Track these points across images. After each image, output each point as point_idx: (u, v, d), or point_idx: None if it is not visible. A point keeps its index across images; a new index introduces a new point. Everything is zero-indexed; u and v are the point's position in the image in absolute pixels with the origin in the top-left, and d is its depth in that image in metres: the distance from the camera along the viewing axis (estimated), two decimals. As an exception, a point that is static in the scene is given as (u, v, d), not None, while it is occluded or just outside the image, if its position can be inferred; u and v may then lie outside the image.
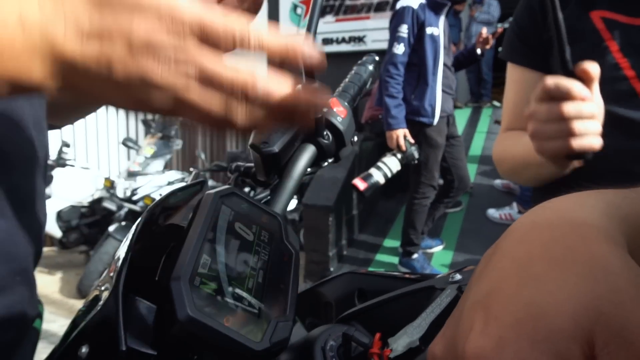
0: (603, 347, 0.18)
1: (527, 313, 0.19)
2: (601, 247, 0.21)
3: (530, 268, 0.21)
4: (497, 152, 0.89)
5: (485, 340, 0.19)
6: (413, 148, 2.85)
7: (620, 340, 0.18)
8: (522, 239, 0.23)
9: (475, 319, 0.20)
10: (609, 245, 0.21)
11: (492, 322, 0.20)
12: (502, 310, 0.20)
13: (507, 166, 0.85)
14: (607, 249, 0.21)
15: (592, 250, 0.21)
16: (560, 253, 0.21)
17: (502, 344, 0.19)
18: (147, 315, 0.37)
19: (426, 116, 2.91)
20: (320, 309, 0.64)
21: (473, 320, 0.20)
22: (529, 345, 0.19)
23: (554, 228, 0.22)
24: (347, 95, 0.63)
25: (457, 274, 0.43)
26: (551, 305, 0.19)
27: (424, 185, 3.09)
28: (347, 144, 0.58)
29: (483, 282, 0.22)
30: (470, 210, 4.08)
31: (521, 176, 0.83)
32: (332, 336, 0.43)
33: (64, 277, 4.19)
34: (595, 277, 0.19)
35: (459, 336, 0.21)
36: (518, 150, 0.80)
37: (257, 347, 0.34)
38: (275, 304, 0.39)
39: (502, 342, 0.19)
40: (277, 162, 0.52)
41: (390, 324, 0.42)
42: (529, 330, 0.19)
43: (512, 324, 0.19)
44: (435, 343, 0.22)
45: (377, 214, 4.23)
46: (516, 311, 0.20)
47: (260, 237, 0.43)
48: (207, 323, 0.33)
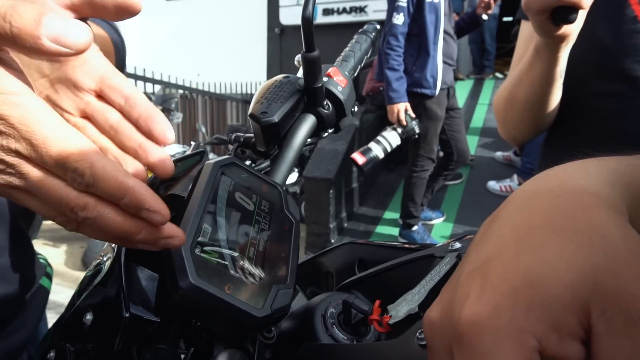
0: (599, 316, 0.18)
1: (524, 281, 0.19)
2: (601, 216, 0.21)
3: (529, 236, 0.21)
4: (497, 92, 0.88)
5: (481, 307, 0.19)
6: (414, 123, 2.83)
7: (617, 309, 0.18)
8: (523, 207, 0.23)
9: (472, 285, 0.21)
10: (610, 215, 0.21)
11: (488, 289, 0.20)
12: (499, 277, 0.20)
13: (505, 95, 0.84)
14: (608, 218, 0.21)
15: (592, 220, 0.20)
16: (560, 222, 0.21)
17: (498, 311, 0.19)
18: (150, 283, 0.38)
19: (428, 87, 2.88)
20: (321, 279, 0.65)
21: (470, 287, 0.21)
22: (524, 313, 0.19)
23: (554, 196, 0.22)
24: (347, 64, 0.62)
25: (457, 242, 0.43)
26: (548, 274, 0.19)
27: (423, 158, 3.08)
28: (347, 114, 0.58)
29: (481, 250, 0.22)
30: (470, 182, 4.09)
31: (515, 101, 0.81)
32: (332, 304, 0.44)
33: (68, 249, 4.23)
34: (594, 247, 0.19)
35: (456, 302, 0.21)
36: (514, 75, 0.80)
37: (259, 314, 0.35)
38: (276, 272, 0.39)
39: (497, 310, 0.19)
40: (276, 132, 0.51)
41: (390, 292, 0.43)
42: (525, 298, 0.19)
43: (509, 291, 0.19)
44: (432, 309, 0.23)
45: (378, 187, 4.24)
46: (513, 279, 0.20)
47: (261, 206, 0.43)
48: (208, 290, 0.33)
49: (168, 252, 0.34)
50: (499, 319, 0.19)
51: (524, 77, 0.77)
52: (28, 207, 0.27)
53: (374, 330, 0.43)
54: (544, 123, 0.82)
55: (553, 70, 0.72)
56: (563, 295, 0.19)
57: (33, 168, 0.25)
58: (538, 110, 0.79)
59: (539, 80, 0.74)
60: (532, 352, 0.18)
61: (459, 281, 0.22)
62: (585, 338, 0.19)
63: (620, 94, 0.74)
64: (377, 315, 0.40)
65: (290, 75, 0.55)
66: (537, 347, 0.19)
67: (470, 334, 0.19)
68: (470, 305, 0.20)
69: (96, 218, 0.26)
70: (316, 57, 0.50)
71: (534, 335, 0.18)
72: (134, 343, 0.37)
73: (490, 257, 0.21)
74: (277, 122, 0.50)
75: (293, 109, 0.52)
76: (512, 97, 0.82)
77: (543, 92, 0.76)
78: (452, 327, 0.20)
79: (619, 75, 0.73)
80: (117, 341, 0.35)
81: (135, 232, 0.28)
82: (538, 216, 0.22)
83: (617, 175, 0.24)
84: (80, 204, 0.26)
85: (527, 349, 0.18)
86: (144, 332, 0.36)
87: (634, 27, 0.72)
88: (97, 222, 0.27)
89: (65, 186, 0.26)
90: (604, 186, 0.23)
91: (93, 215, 0.26)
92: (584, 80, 0.78)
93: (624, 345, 0.17)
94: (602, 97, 0.76)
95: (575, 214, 0.21)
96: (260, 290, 0.37)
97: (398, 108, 2.81)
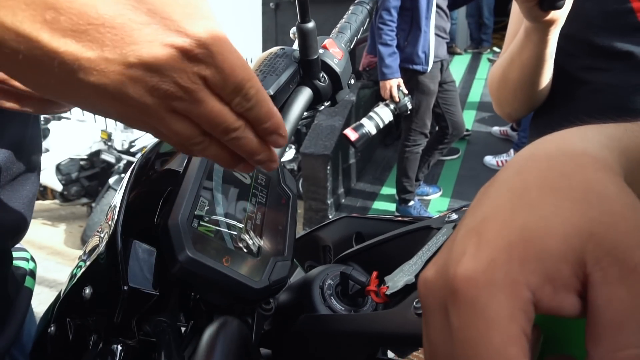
0: (594, 264, 0.18)
1: (520, 236, 0.19)
2: (597, 174, 0.21)
3: (525, 196, 0.21)
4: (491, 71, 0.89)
5: (477, 263, 0.19)
6: (406, 99, 2.81)
7: (612, 258, 0.18)
8: (519, 169, 0.23)
9: (468, 244, 0.21)
10: (606, 173, 0.21)
11: (484, 245, 0.20)
12: (495, 234, 0.20)
13: (498, 75, 0.85)
14: (604, 176, 0.21)
15: (588, 178, 0.20)
16: (556, 181, 0.21)
17: (493, 266, 0.19)
18: (148, 257, 0.38)
19: (419, 64, 2.84)
20: (319, 253, 0.65)
21: (466, 245, 0.21)
22: (519, 266, 0.19)
23: (551, 159, 0.22)
24: (344, 36, 0.61)
25: (454, 214, 0.43)
26: (543, 228, 0.19)
27: (415, 133, 3.06)
28: (343, 87, 0.57)
29: (477, 211, 0.22)
30: (467, 157, 4.09)
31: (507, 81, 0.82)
32: (330, 275, 0.44)
33: (67, 229, 4.25)
34: (589, 202, 0.19)
35: (451, 260, 0.21)
36: (505, 56, 0.81)
37: (257, 286, 0.35)
38: (273, 245, 0.39)
39: (493, 264, 0.19)
40: (272, 106, 0.51)
41: (387, 263, 0.43)
42: (520, 252, 0.19)
43: (504, 246, 0.19)
44: (427, 269, 0.23)
45: (375, 162, 4.24)
46: (508, 235, 0.20)
47: (258, 180, 0.43)
48: (206, 263, 0.33)
49: (165, 226, 0.34)
50: (494, 273, 0.19)
51: (515, 59, 0.78)
52: (159, 134, 0.27)
53: (371, 301, 0.43)
54: (537, 100, 0.84)
55: (543, 52, 0.73)
56: (558, 247, 0.19)
57: (209, 93, 0.26)
58: (530, 90, 0.81)
59: (529, 62, 0.76)
60: (527, 303, 0.18)
61: (454, 241, 0.22)
62: (582, 291, 0.19)
63: (611, 68, 0.74)
64: (374, 286, 0.40)
65: (286, 48, 0.54)
66: (532, 298, 0.19)
67: (465, 289, 0.19)
68: (465, 261, 0.20)
69: (242, 139, 0.29)
70: (311, 28, 0.49)
71: (529, 287, 0.19)
72: (133, 316, 0.37)
73: (486, 217, 0.21)
74: (272, 95, 0.49)
75: (288, 82, 0.51)
76: (505, 77, 0.83)
77: (534, 73, 0.77)
78: (447, 284, 0.20)
79: (610, 52, 0.73)
80: (117, 314, 0.36)
81: (259, 152, 0.31)
82: (535, 177, 0.22)
83: (615, 140, 0.24)
84: (236, 125, 0.28)
85: (522, 301, 0.18)
86: (143, 305, 0.36)
87: (624, 7, 0.72)
88: (239, 142, 0.29)
89: (228, 110, 0.28)
90: (602, 149, 0.23)
91: (242, 136, 0.29)
92: (575, 55, 0.78)
93: (619, 293, 0.17)
94: (593, 71, 0.76)
95: (572, 173, 0.21)
96: (258, 263, 0.37)
97: (390, 84, 2.79)
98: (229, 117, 0.28)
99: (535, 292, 0.19)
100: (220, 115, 0.27)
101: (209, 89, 0.26)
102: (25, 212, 0.50)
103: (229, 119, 0.28)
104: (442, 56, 2.97)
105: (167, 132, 0.27)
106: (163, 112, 0.26)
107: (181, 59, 0.24)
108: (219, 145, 0.29)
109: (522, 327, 0.18)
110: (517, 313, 0.18)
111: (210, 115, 0.27)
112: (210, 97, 0.26)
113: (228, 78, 0.26)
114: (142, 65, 0.23)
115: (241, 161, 0.31)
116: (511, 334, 0.18)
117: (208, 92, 0.26)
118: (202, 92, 0.26)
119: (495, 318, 0.18)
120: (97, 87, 0.23)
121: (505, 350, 0.18)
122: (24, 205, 0.50)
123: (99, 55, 0.23)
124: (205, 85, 0.26)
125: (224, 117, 0.27)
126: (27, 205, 0.51)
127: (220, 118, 0.27)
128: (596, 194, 0.20)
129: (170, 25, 0.24)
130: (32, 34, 0.21)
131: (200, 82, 0.26)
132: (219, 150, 0.30)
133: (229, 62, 0.26)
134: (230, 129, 0.28)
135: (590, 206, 0.19)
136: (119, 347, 0.39)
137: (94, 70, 0.23)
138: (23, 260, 0.57)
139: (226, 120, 0.28)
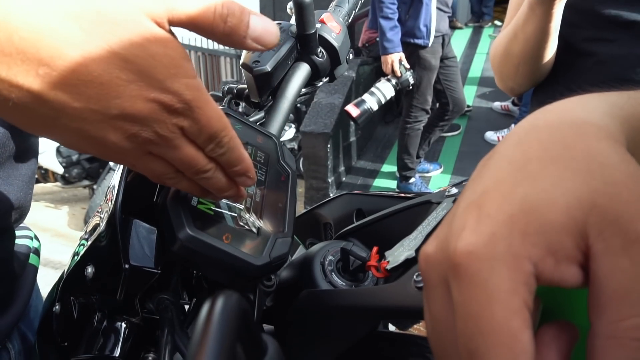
0: (597, 236, 0.18)
1: (521, 209, 0.19)
2: (600, 143, 0.20)
3: (526, 168, 0.21)
4: (493, 45, 0.88)
5: (478, 237, 0.19)
6: (408, 74, 2.77)
7: (615, 229, 0.18)
8: (520, 141, 0.22)
9: (468, 218, 0.20)
10: (608, 142, 0.20)
11: (484, 219, 0.20)
12: (496, 208, 0.20)
13: (500, 49, 0.84)
14: (606, 145, 0.20)
15: (590, 147, 0.20)
16: (557, 152, 0.20)
17: (494, 239, 0.19)
18: (148, 236, 0.38)
19: (421, 37, 2.80)
20: (320, 230, 0.66)
21: (466, 219, 0.20)
22: (520, 239, 0.19)
23: (553, 129, 0.22)
24: (341, 10, 0.60)
25: (454, 188, 0.43)
26: (545, 200, 0.19)
27: (416, 109, 3.04)
28: (342, 62, 0.56)
29: (478, 184, 0.22)
30: (468, 133, 4.07)
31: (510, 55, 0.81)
32: (330, 251, 0.44)
33: (70, 211, 4.27)
34: (591, 172, 0.19)
35: (452, 235, 0.21)
36: (508, 29, 0.80)
37: (257, 262, 0.35)
38: (273, 222, 0.39)
39: (494, 238, 0.19)
40: (270, 82, 0.50)
41: (388, 239, 0.43)
42: (521, 225, 0.19)
43: (505, 220, 0.19)
44: (428, 244, 0.23)
45: (375, 140, 4.23)
46: (510, 208, 0.19)
47: (257, 157, 0.43)
48: (206, 241, 0.33)
49: (164, 204, 0.34)
50: (496, 247, 0.19)
51: (518, 33, 0.76)
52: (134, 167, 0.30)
53: (372, 276, 0.43)
54: (540, 74, 0.82)
55: (547, 26, 0.72)
56: (559, 219, 0.18)
57: (185, 140, 0.28)
58: (533, 64, 0.79)
59: (533, 35, 0.74)
60: (529, 276, 0.18)
61: (455, 216, 0.22)
62: (584, 262, 0.19)
63: (616, 39, 0.72)
64: (374, 262, 0.40)
65: (283, 22, 0.53)
66: (534, 271, 0.19)
67: (466, 263, 0.19)
68: (466, 236, 0.20)
69: (212, 179, 0.31)
70: (309, 2, 0.48)
71: (530, 260, 0.18)
72: (136, 294, 0.37)
73: (487, 190, 0.21)
74: (270, 71, 0.49)
75: (286, 57, 0.51)
76: (507, 51, 0.82)
77: (538, 47, 0.76)
78: (448, 258, 0.20)
79: (615, 21, 0.72)
80: (119, 292, 0.36)
81: (227, 190, 0.33)
82: (535, 148, 0.21)
83: (617, 108, 0.23)
84: (207, 168, 0.31)
85: (524, 274, 0.18)
86: (145, 283, 0.36)
87: None
88: (209, 181, 0.32)
89: (201, 154, 0.30)
90: (603, 117, 0.22)
91: (212, 177, 0.31)
92: (580, 26, 0.77)
93: (622, 264, 0.17)
94: (597, 42, 0.75)
95: (573, 143, 0.21)
96: (258, 240, 0.37)
97: (392, 59, 2.75)
98: (202, 160, 0.30)
99: (537, 265, 0.19)
100: (193, 159, 0.29)
101: (185, 137, 0.28)
102: (25, 191, 0.51)
103: (201, 162, 0.30)
104: (443, 31, 2.93)
105: (142, 169, 0.29)
106: (140, 155, 0.28)
107: (162, 112, 0.26)
108: (190, 180, 0.32)
109: (524, 299, 0.18)
110: (519, 286, 0.18)
111: (185, 159, 0.29)
112: (186, 143, 0.29)
113: (204, 128, 0.28)
114: (124, 116, 0.25)
115: (211, 193, 0.34)
116: (513, 307, 0.18)
117: (184, 140, 0.28)
118: (179, 140, 0.28)
119: (496, 292, 0.18)
120: (80, 131, 0.25)
121: (507, 324, 0.18)
122: (24, 183, 0.50)
123: (84, 106, 0.24)
124: (182, 134, 0.28)
125: (196, 161, 0.30)
126: (26, 184, 0.51)
127: (194, 162, 0.30)
128: (598, 164, 0.19)
129: (155, 83, 0.26)
130: (25, 86, 0.23)
131: (178, 132, 0.28)
132: (190, 185, 0.32)
133: (207, 114, 0.28)
134: (201, 170, 0.30)
135: (592, 176, 0.19)
136: (123, 324, 0.39)
137: (78, 118, 0.25)
138: (27, 238, 0.58)
139: (198, 164, 0.30)
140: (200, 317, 0.19)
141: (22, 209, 0.52)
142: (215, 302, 0.19)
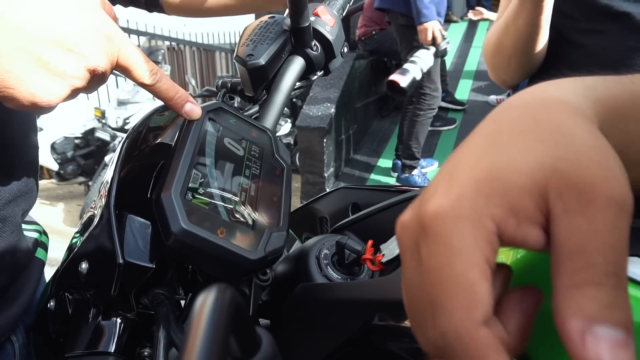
0: (557, 197, 0.19)
1: (487, 174, 0.20)
2: (569, 118, 0.21)
3: (496, 139, 0.22)
4: (485, 37, 0.88)
5: (445, 200, 0.20)
6: (445, 41, 2.71)
7: (573, 191, 0.18)
8: (495, 117, 0.23)
9: (440, 185, 0.22)
10: (577, 117, 0.21)
11: (453, 185, 0.21)
12: (464, 174, 0.21)
13: (492, 41, 0.84)
14: (575, 119, 0.21)
15: (558, 122, 0.21)
16: (527, 125, 0.21)
17: (460, 201, 0.20)
18: (143, 231, 0.38)
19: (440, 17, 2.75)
20: (315, 225, 0.66)
21: (438, 186, 0.22)
22: (484, 200, 0.20)
23: (526, 106, 0.23)
24: (336, 2, 0.60)
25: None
26: (509, 166, 0.20)
27: (430, 97, 3.00)
28: (336, 55, 0.56)
29: (454, 157, 0.23)
30: (464, 127, 4.07)
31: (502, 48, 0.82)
32: (326, 245, 0.44)
33: (65, 208, 4.25)
34: (556, 141, 0.20)
35: (423, 201, 0.22)
36: (500, 22, 0.81)
37: (252, 256, 0.35)
38: (268, 216, 0.39)
39: (460, 200, 0.20)
40: (264, 76, 0.50)
41: (383, 232, 0.43)
42: (486, 188, 0.20)
43: (472, 184, 0.20)
44: (405, 213, 0.24)
45: (371, 134, 4.22)
46: (477, 174, 0.21)
47: (251, 151, 0.43)
48: (201, 235, 0.33)
49: (159, 199, 0.34)
50: (461, 208, 0.20)
51: (510, 25, 0.77)
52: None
53: (367, 270, 0.43)
54: (532, 66, 0.83)
55: (538, 19, 0.72)
56: (521, 181, 0.19)
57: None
58: (525, 56, 0.80)
59: (524, 28, 0.74)
60: (491, 234, 0.20)
61: (429, 185, 0.23)
62: (546, 225, 0.19)
63: (607, 30, 0.73)
64: (370, 255, 0.41)
65: (276, 15, 0.53)
66: (496, 230, 0.20)
67: (433, 223, 0.20)
68: (435, 199, 0.21)
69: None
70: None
71: (493, 219, 0.20)
72: (131, 289, 0.37)
73: (460, 161, 0.22)
74: (264, 65, 0.48)
75: (280, 51, 0.50)
76: (500, 44, 0.82)
77: (529, 39, 0.76)
78: (419, 222, 0.21)
79: (607, 12, 0.72)
80: (113, 288, 0.36)
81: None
82: (507, 122, 0.22)
83: (592, 89, 0.24)
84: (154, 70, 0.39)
85: (486, 232, 0.19)
86: (140, 279, 0.36)
87: None
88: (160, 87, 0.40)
89: None
90: (576, 96, 0.23)
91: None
92: (572, 17, 0.77)
93: (580, 223, 0.18)
94: (589, 34, 0.75)
95: (543, 118, 0.21)
96: (253, 234, 0.37)
97: (432, 26, 2.68)
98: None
99: (500, 224, 0.20)
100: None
101: None
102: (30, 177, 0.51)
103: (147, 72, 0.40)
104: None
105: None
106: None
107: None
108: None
109: (485, 255, 0.19)
110: (481, 243, 0.19)
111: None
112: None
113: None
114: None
115: None
116: (473, 261, 0.19)
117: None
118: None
119: (458, 246, 0.19)
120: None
121: (466, 274, 0.19)
122: (28, 170, 0.50)
123: None
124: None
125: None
126: (31, 172, 0.51)
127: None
128: (563, 135, 0.20)
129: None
130: None
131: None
132: None
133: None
134: None
135: (557, 145, 0.20)
136: (118, 320, 0.39)
137: None
138: (34, 232, 0.58)
139: None
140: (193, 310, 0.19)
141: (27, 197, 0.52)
142: (208, 295, 0.19)
